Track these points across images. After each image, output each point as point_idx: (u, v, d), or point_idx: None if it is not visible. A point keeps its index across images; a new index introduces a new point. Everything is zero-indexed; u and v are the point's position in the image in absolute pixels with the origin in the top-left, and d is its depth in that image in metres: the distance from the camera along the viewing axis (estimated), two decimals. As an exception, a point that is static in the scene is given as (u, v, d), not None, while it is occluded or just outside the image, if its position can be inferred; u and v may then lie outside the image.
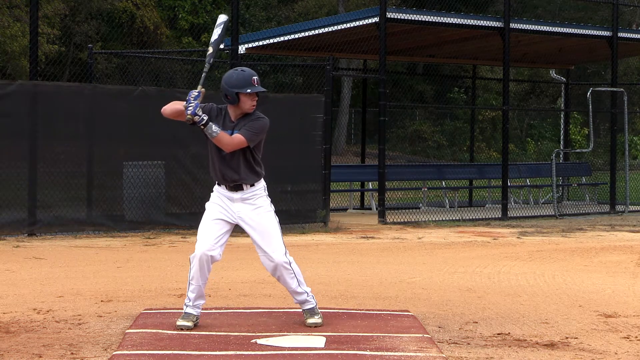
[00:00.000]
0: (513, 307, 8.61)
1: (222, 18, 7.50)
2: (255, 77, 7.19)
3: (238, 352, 6.44)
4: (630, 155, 27.26)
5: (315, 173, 16.50)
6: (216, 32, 7.40)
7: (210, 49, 7.32)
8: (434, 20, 18.69)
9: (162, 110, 7.25)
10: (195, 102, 7.05)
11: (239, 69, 7.25)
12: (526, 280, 10.46)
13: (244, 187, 7.25)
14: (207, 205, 7.39)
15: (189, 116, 7.03)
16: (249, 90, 7.14)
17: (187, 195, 15.61)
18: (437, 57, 23.95)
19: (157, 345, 6.64)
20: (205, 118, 7.06)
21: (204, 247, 7.23)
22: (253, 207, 7.26)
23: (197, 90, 7.13)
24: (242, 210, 7.25)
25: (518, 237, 15.63)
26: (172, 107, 7.23)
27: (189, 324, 7.17)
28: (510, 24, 19.44)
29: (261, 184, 7.32)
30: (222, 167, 7.23)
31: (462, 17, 19.24)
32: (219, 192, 7.34)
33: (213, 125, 7.08)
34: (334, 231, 15.83)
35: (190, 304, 7.29)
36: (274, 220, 7.30)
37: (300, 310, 7.48)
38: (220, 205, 7.30)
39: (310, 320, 7.35)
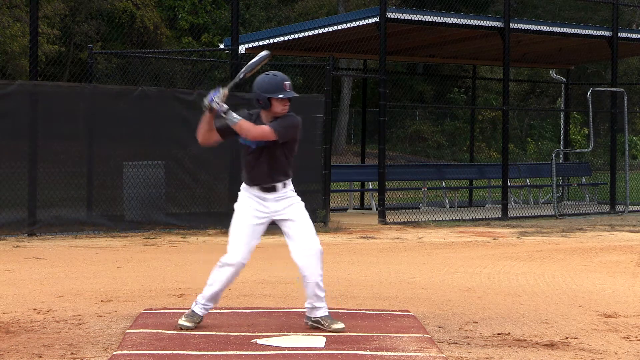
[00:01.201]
0: (513, 307, 8.61)
1: (264, 53, 7.35)
2: (287, 82, 7.14)
3: (238, 352, 6.44)
4: (630, 155, 27.28)
5: (315, 173, 16.50)
6: (254, 61, 7.28)
7: (245, 67, 7.27)
8: (434, 20, 18.69)
9: (198, 136, 7.23)
10: (215, 93, 7.03)
11: (270, 74, 7.17)
12: (526, 280, 10.46)
13: (277, 188, 7.21)
14: (238, 207, 7.26)
15: (206, 104, 7.01)
16: (280, 96, 7.10)
17: (187, 196, 15.61)
18: (437, 57, 23.94)
19: (157, 345, 6.64)
20: (225, 107, 7.01)
21: (241, 256, 7.18)
22: (288, 203, 7.22)
23: (219, 88, 7.11)
24: (277, 207, 7.19)
25: (518, 237, 15.62)
26: (201, 125, 7.18)
27: (190, 324, 7.15)
28: (510, 24, 19.44)
29: (291, 183, 7.31)
30: (255, 168, 7.16)
31: (462, 17, 19.24)
32: (250, 193, 7.24)
33: (233, 113, 7.04)
34: (334, 231, 15.83)
35: (202, 301, 7.25)
36: (307, 213, 7.32)
37: (302, 310, 7.45)
38: (254, 207, 7.20)
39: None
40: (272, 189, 7.19)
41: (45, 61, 26.90)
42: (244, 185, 7.30)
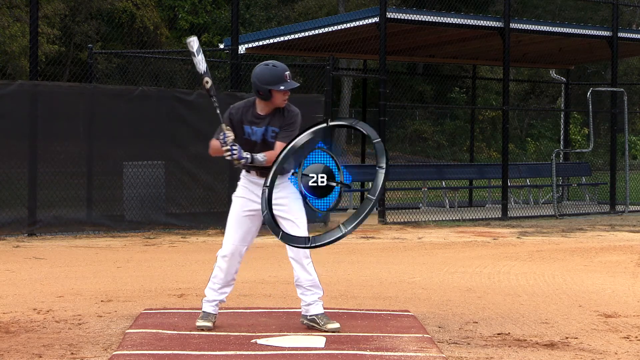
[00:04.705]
0: (513, 307, 8.61)
1: (194, 43, 7.06)
2: (287, 73, 7.03)
3: (238, 352, 6.44)
4: (630, 155, 27.28)
5: (315, 173, 16.47)
6: (200, 60, 7.05)
7: (209, 81, 7.04)
8: (434, 20, 18.68)
9: (209, 150, 7.17)
10: (237, 147, 6.91)
11: (270, 64, 7.05)
12: (526, 280, 10.46)
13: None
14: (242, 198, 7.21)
15: (235, 162, 6.95)
16: (282, 87, 7.01)
17: (186, 196, 15.61)
18: (437, 57, 23.94)
19: (157, 345, 6.63)
20: (248, 156, 6.94)
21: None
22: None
23: (227, 131, 6.92)
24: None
25: (518, 237, 15.62)
26: (213, 146, 7.10)
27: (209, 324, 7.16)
28: (510, 24, 19.43)
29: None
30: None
31: (462, 17, 19.23)
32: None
33: (258, 156, 6.98)
34: (334, 231, 15.82)
35: None
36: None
37: (300, 309, 7.45)
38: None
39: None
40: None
41: (45, 61, 26.91)
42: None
